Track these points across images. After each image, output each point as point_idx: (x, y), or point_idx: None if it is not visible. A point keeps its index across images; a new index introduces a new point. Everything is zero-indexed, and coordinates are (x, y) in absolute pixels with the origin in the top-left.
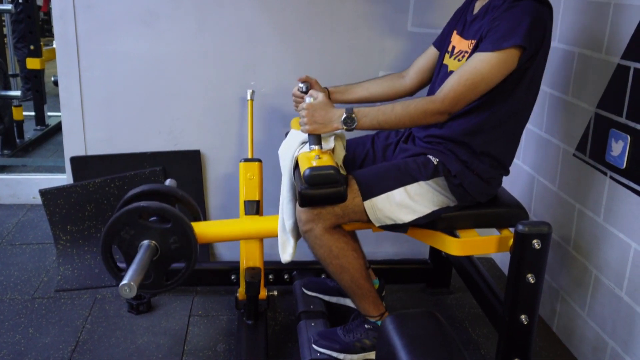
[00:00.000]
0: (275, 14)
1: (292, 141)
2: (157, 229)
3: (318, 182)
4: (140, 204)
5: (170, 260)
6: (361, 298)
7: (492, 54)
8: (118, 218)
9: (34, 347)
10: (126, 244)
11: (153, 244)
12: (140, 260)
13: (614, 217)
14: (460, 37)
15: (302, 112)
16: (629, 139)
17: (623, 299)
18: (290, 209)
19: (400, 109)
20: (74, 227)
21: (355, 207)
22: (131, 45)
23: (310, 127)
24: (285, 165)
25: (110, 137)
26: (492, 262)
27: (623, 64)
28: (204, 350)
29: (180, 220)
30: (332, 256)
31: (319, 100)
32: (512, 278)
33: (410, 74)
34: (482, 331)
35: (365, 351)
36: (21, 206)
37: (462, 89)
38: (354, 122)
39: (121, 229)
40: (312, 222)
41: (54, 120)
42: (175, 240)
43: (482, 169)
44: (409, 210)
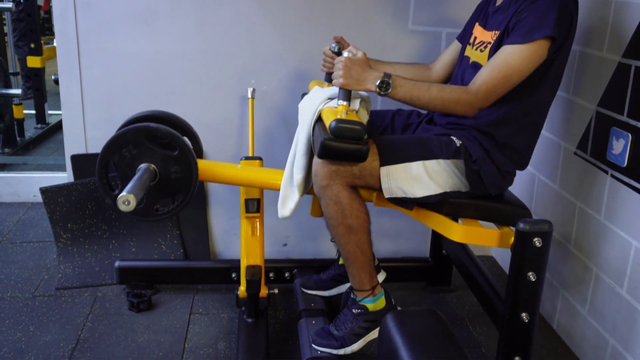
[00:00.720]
0: (276, 12)
1: (316, 95)
2: (162, 154)
3: (343, 135)
4: (150, 124)
5: (167, 190)
6: (360, 266)
7: (522, 46)
8: (124, 133)
9: (35, 345)
10: (125, 162)
11: (153, 168)
12: (140, 178)
13: (614, 216)
14: (483, 29)
15: (339, 65)
16: (630, 138)
17: (624, 297)
18: (304, 162)
19: (436, 90)
20: (74, 225)
21: (372, 170)
22: (132, 43)
23: (345, 81)
24: (305, 119)
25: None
26: (493, 260)
27: (624, 62)
28: (204, 349)
29: (187, 150)
30: (344, 215)
31: (358, 56)
32: (512, 276)
33: (437, 67)
34: (483, 329)
35: (361, 337)
36: (22, 204)
37: (494, 81)
38: (388, 87)
39: (124, 146)
40: (330, 178)
41: (55, 119)
42: (177, 170)
43: (502, 161)
44: (423, 186)
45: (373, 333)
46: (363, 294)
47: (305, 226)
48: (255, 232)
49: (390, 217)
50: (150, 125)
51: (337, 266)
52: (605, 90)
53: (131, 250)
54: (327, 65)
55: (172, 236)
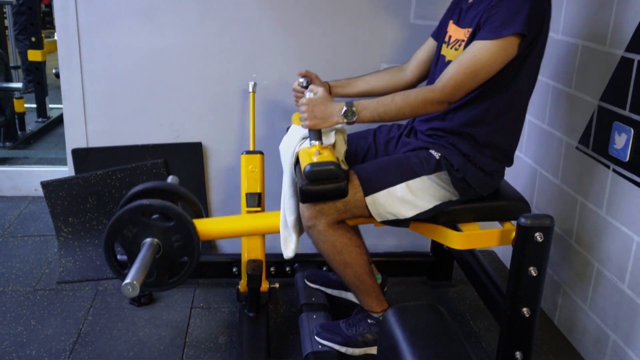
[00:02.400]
0: (277, 7)
1: (292, 136)
2: (160, 226)
3: (319, 178)
4: (143, 202)
5: (172, 258)
6: (364, 293)
7: (491, 42)
8: (121, 216)
9: (36, 338)
10: (129, 241)
11: (155, 242)
12: (142, 259)
13: (616, 210)
14: (457, 26)
15: (302, 108)
16: (632, 132)
17: (625, 292)
18: (292, 204)
19: (400, 99)
20: (75, 219)
21: (357, 202)
22: (132, 37)
23: (311, 123)
24: (286, 161)
25: (111, 129)
26: (494, 254)
27: (627, 57)
28: (205, 342)
29: (183, 218)
30: (335, 252)
31: (319, 95)
32: (514, 271)
33: (410, 66)
34: (484, 324)
35: (367, 345)
36: (23, 198)
37: (462, 77)
38: (354, 115)
39: (124, 227)
40: (315, 218)
41: (56, 113)
42: (177, 239)
43: (484, 162)
44: (411, 206)
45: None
46: (375, 314)
47: None
48: None
49: None
50: (142, 202)
51: None
52: (608, 84)
53: None
54: (298, 100)
55: None
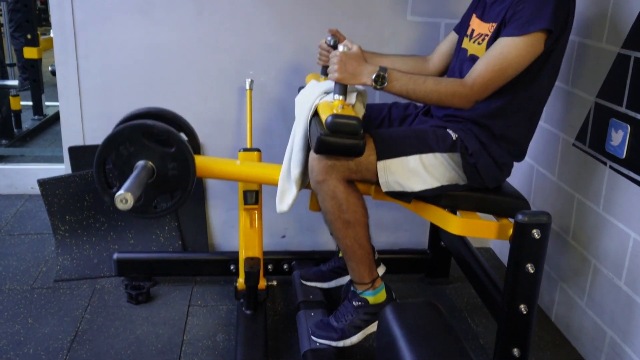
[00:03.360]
0: (274, 3)
1: (312, 90)
2: (159, 151)
3: (339, 130)
4: (147, 121)
5: (164, 187)
6: (359, 260)
7: (518, 38)
8: (120, 131)
9: (34, 337)
10: (122, 160)
11: (150, 165)
12: (137, 176)
13: (613, 207)
14: (480, 21)
15: (334, 59)
16: (629, 129)
17: (622, 289)
18: (300, 158)
19: (432, 84)
20: (72, 217)
21: (369, 164)
22: (129, 33)
23: (340, 76)
24: (302, 113)
25: (108, 127)
26: (491, 252)
27: (623, 53)
28: (203, 340)
29: (184, 147)
30: (341, 210)
31: (353, 50)
32: (511, 268)
33: (434, 59)
34: (481, 321)
35: (361, 329)
36: (19, 196)
37: (490, 74)
38: (384, 81)
39: (121, 144)
40: (326, 173)
41: (52, 110)
42: (174, 167)
43: (498, 153)
44: (420, 180)
45: (373, 326)
46: (363, 287)
47: (304, 218)
48: (253, 224)
49: (389, 209)
50: (146, 122)
51: (337, 259)
52: (605, 81)
53: (129, 242)
54: (323, 58)
55: (171, 228)
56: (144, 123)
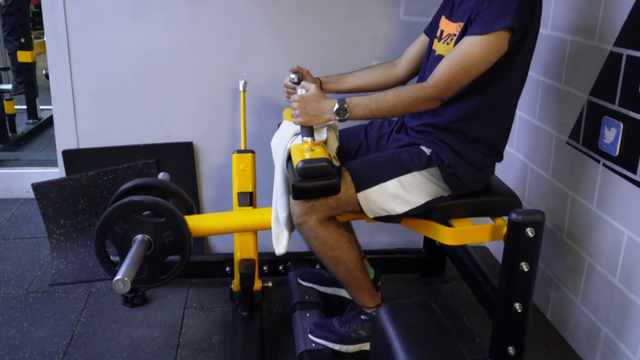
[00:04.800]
0: (267, 4)
1: (284, 133)
2: (151, 223)
3: (311, 175)
4: (134, 198)
5: (164, 255)
6: (357, 289)
7: (482, 37)
8: (111, 212)
9: (29, 341)
10: (120, 238)
11: (147, 238)
12: (133, 255)
13: (607, 205)
14: (449, 21)
15: (294, 105)
16: (621, 127)
17: (616, 286)
18: (284, 201)
19: (393, 96)
20: (67, 221)
21: (349, 198)
22: (122, 36)
23: (303, 119)
24: (278, 158)
25: (102, 130)
26: (487, 250)
27: (615, 51)
28: (199, 342)
29: (174, 214)
30: (326, 248)
31: (310, 91)
32: (506, 266)
33: (402, 62)
34: (477, 320)
35: (361, 342)
36: (14, 200)
37: (453, 73)
38: (346, 112)
39: (114, 224)
40: (306, 215)
41: (46, 114)
42: (169, 235)
43: (475, 158)
44: (403, 202)
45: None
46: (368, 309)
47: None
48: None
49: None
50: (133, 199)
51: None
52: (597, 79)
53: None
54: (290, 97)
55: None
56: (131, 200)
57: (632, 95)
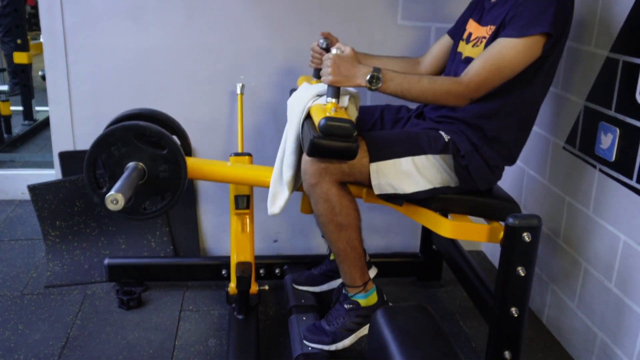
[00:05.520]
0: (264, 7)
1: (305, 92)
2: (150, 152)
3: (332, 133)
4: (140, 123)
5: (155, 188)
6: (351, 263)
7: (517, 40)
8: (113, 132)
9: (24, 343)
10: (114, 160)
11: (141, 167)
12: (128, 177)
13: (603, 210)
14: (478, 24)
15: (327, 62)
16: (618, 132)
17: (612, 291)
18: (292, 160)
19: (427, 82)
20: (63, 223)
21: (362, 167)
22: (119, 38)
23: (334, 78)
24: (294, 116)
25: (98, 132)
26: (483, 255)
27: (612, 57)
28: (195, 346)
29: (176, 149)
30: (333, 213)
31: (347, 53)
32: (502, 271)
33: (426, 61)
34: (473, 324)
35: (353, 332)
36: (9, 202)
37: (486, 73)
38: (379, 82)
39: (113, 144)
40: (319, 176)
41: (42, 115)
42: (165, 169)
43: (490, 155)
44: (412, 182)
45: (364, 329)
46: (355, 290)
47: (296, 222)
48: (245, 228)
49: (381, 212)
50: (139, 123)
51: (329, 262)
52: (594, 85)
53: (120, 248)
54: (315, 61)
55: (162, 233)
56: (137, 124)
57: (628, 101)
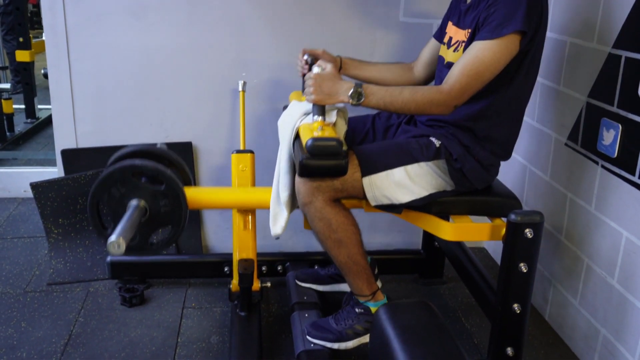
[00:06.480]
0: (266, 5)
1: (293, 111)
2: (149, 189)
3: (320, 153)
4: (135, 162)
5: (158, 223)
6: (356, 275)
7: (492, 41)
8: (111, 174)
9: (27, 340)
10: (115, 201)
11: (142, 204)
12: (129, 218)
13: (605, 206)
14: (457, 28)
15: (309, 82)
16: (620, 128)
17: (614, 287)
18: (287, 180)
19: (408, 94)
20: (65, 220)
21: (355, 182)
22: (121, 36)
23: (317, 97)
24: (285, 136)
25: (101, 130)
26: (485, 251)
27: (614, 53)
28: (197, 342)
29: (174, 183)
30: (330, 230)
31: (327, 70)
32: (504, 267)
33: (418, 66)
34: (475, 320)
35: (359, 336)
36: (12, 200)
37: (467, 79)
38: (361, 97)
39: (112, 185)
40: (312, 195)
41: (45, 113)
42: (166, 204)
43: (483, 155)
44: (407, 191)
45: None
46: (364, 298)
47: (298, 219)
48: (247, 225)
49: None
50: (135, 162)
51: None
52: (596, 81)
53: None
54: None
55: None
56: (133, 163)
57: (630, 97)
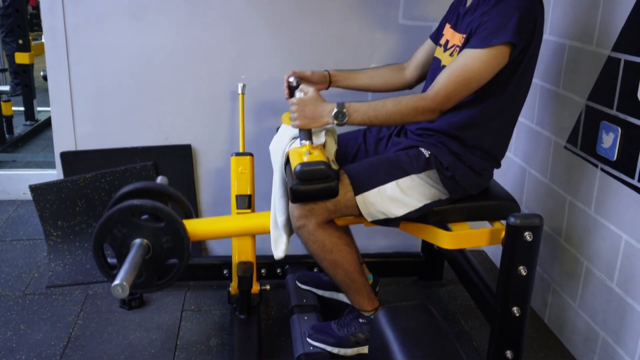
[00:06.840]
0: (265, 6)
1: (282, 136)
2: (150, 227)
3: (309, 178)
4: (133, 202)
5: (162, 259)
6: (355, 292)
7: (481, 50)
8: (110, 216)
9: (26, 343)
10: (118, 242)
11: (145, 243)
12: (132, 259)
13: (604, 209)
14: (454, 31)
15: (292, 107)
16: (619, 131)
17: (614, 290)
18: (282, 204)
19: (392, 105)
20: (64, 223)
21: (347, 202)
22: (120, 38)
23: (301, 122)
24: (277, 161)
25: (100, 132)
26: (484, 254)
27: (614, 56)
28: (196, 345)
29: (173, 219)
30: (325, 251)
31: (309, 95)
32: (504, 270)
33: (410, 66)
34: (475, 323)
35: (359, 345)
36: (11, 202)
37: (453, 86)
38: (344, 117)
39: (113, 227)
40: (305, 218)
41: (44, 115)
42: (167, 240)
43: (473, 161)
44: (401, 204)
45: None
46: (367, 312)
47: None
48: None
49: None
50: (133, 202)
51: None
52: (595, 84)
53: None
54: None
55: None
56: (131, 204)
57: (630, 100)
